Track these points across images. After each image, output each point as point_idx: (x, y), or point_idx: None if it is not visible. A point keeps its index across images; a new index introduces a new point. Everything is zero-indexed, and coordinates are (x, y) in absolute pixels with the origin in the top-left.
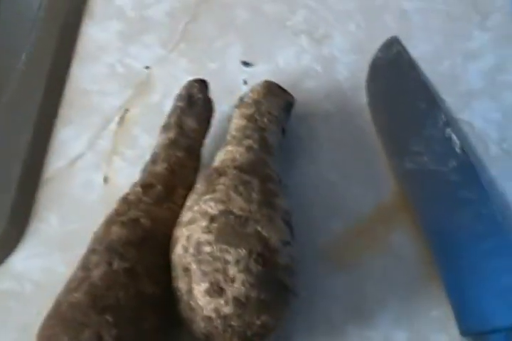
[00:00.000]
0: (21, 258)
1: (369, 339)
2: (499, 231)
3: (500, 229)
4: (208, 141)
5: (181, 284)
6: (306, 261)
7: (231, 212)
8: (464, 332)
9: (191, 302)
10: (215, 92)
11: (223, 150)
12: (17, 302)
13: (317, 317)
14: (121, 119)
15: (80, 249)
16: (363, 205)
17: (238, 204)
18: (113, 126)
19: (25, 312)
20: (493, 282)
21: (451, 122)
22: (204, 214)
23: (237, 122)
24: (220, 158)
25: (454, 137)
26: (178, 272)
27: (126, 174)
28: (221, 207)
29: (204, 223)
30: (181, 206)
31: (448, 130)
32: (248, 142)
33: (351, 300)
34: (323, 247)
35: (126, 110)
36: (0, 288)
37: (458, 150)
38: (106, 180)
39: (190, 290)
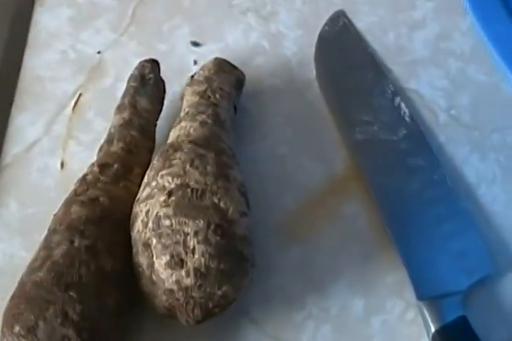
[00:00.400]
0: None
1: (326, 310)
2: (450, 197)
3: (451, 194)
4: (160, 121)
5: (142, 259)
6: (260, 236)
7: (188, 185)
8: (419, 297)
9: (153, 276)
10: (165, 73)
11: (177, 127)
12: None
13: (273, 289)
14: (75, 104)
15: (39, 233)
16: (314, 178)
17: (195, 177)
18: (67, 111)
19: None
20: (445, 247)
21: (399, 91)
22: (162, 188)
23: (190, 99)
24: (174, 134)
25: (403, 106)
26: (138, 248)
27: (82, 158)
28: (178, 181)
29: (162, 197)
30: (138, 185)
31: (397, 99)
32: (202, 117)
33: (306, 271)
34: (277, 221)
35: (80, 95)
36: None
37: (407, 118)
38: (62, 164)
39: (151, 265)
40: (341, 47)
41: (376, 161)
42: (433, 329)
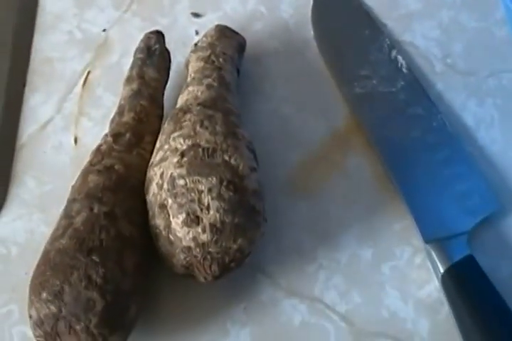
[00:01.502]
0: (4, 223)
1: (337, 260)
2: (450, 141)
3: (451, 138)
4: (167, 91)
5: (159, 221)
6: (269, 192)
7: (199, 145)
8: (426, 240)
9: (170, 236)
10: (169, 45)
11: (185, 92)
12: (4, 265)
13: (285, 244)
14: (84, 82)
15: (57, 208)
16: (318, 134)
17: (205, 137)
18: (77, 89)
19: (14, 274)
20: (449, 189)
21: (395, 45)
22: (174, 150)
23: (195, 65)
24: (183, 99)
25: (400, 58)
26: (154, 210)
27: (94, 133)
28: (189, 141)
29: (175, 159)
30: (150, 152)
31: (393, 52)
32: (208, 81)
33: (315, 224)
34: (284, 178)
35: (88, 72)
36: None
37: (404, 70)
38: (76, 140)
39: (168, 225)
40: (337, 6)
41: (376, 113)
42: (441, 270)
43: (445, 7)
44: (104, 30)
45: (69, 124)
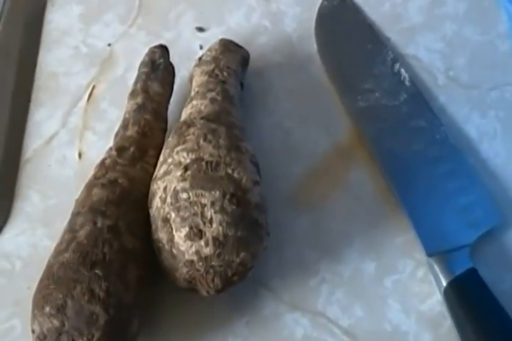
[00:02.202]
0: (9, 237)
1: (339, 274)
2: (453, 154)
3: (454, 151)
4: (171, 105)
5: (162, 234)
6: (272, 206)
7: (202, 159)
8: (429, 253)
9: (173, 250)
10: (173, 59)
11: (189, 106)
12: (8, 279)
13: (287, 258)
14: (89, 96)
15: (61, 222)
16: (320, 147)
17: (208, 150)
18: (82, 103)
19: (17, 288)
20: (451, 202)
21: (398, 58)
22: (178, 164)
23: (199, 79)
24: (186, 112)
25: (403, 71)
26: (157, 224)
27: (99, 147)
28: (193, 155)
29: (179, 172)
30: (154, 165)
31: (396, 65)
32: (211, 94)
33: (318, 238)
34: (287, 191)
35: (93, 87)
36: None
37: (407, 83)
38: (80, 154)
39: (171, 239)
40: (340, 20)
41: (379, 126)
42: (444, 284)
43: (448, 20)
44: (109, 45)
45: (73, 138)
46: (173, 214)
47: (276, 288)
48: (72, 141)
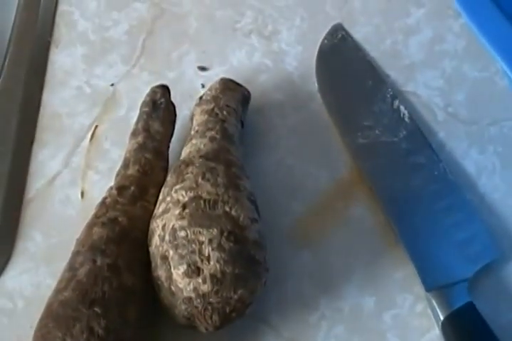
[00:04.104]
0: (11, 276)
1: (339, 310)
2: (452, 190)
3: (453, 187)
4: (172, 145)
5: (161, 272)
6: (272, 242)
7: (201, 197)
8: (428, 288)
9: (172, 287)
10: (175, 98)
11: (188, 145)
12: (10, 318)
13: (287, 294)
14: (92, 136)
15: (63, 261)
16: (321, 184)
17: (206, 189)
18: (85, 143)
19: (19, 327)
20: (450, 237)
21: (397, 95)
22: (176, 202)
23: (199, 118)
24: (186, 151)
25: (402, 108)
26: (157, 261)
27: (101, 186)
28: (191, 193)
29: (177, 211)
30: (154, 204)
31: (396, 102)
32: (211, 133)
33: (318, 274)
34: (288, 227)
35: (96, 127)
36: None
37: (407, 119)
38: (83, 194)
39: (169, 276)
40: (341, 58)
41: (379, 163)
42: (442, 318)
43: (447, 57)
44: (112, 85)
45: (76, 178)
46: (171, 252)
47: (275, 323)
48: (74, 180)
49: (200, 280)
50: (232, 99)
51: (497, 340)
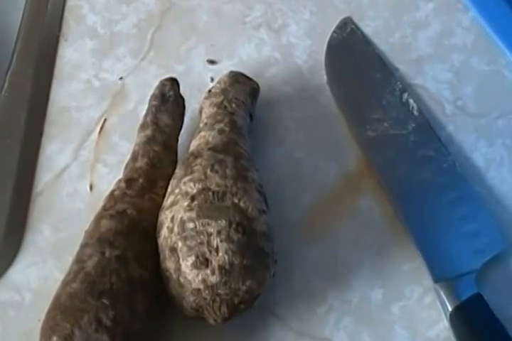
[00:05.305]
0: (19, 270)
1: (347, 301)
2: (460, 182)
3: (461, 179)
4: (181, 138)
5: (169, 264)
6: (281, 234)
7: (209, 189)
8: (436, 280)
9: (180, 279)
10: (184, 92)
11: (197, 137)
12: (18, 311)
13: (296, 286)
14: (101, 129)
15: (71, 254)
16: (329, 177)
17: (215, 180)
18: (93, 136)
19: (27, 320)
20: (458, 229)
21: (406, 88)
22: (185, 194)
23: (208, 111)
24: (194, 144)
25: (411, 101)
26: (165, 253)
27: (110, 179)
28: (200, 185)
29: (185, 202)
30: (162, 196)
31: (405, 95)
32: (219, 126)
33: (326, 266)
34: (296, 220)
35: (105, 120)
36: (1, 299)
37: (415, 112)
38: (91, 187)
39: (178, 268)
40: (350, 51)
41: (387, 155)
42: (450, 309)
43: (456, 51)
44: (121, 79)
45: (85, 171)
46: (180, 244)
47: (284, 315)
48: (83, 173)
49: (208, 271)
50: (242, 91)
51: (505, 331)
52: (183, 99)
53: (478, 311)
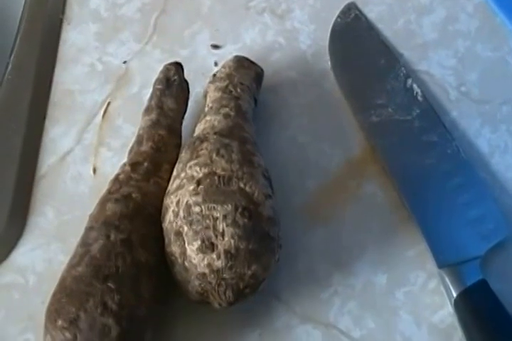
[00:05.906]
0: (23, 252)
1: (351, 286)
2: (464, 168)
3: (465, 165)
4: (185, 122)
5: (174, 248)
6: (285, 219)
7: (215, 173)
8: (440, 265)
9: (185, 263)
10: (188, 76)
11: (202, 121)
12: (22, 293)
13: (300, 270)
14: (104, 113)
15: (75, 237)
16: (334, 162)
17: (221, 165)
18: (97, 120)
19: (31, 303)
20: (462, 215)
21: (411, 74)
22: (190, 178)
23: (213, 95)
24: (200, 128)
25: (415, 86)
26: (170, 237)
27: (113, 163)
28: (205, 169)
29: (191, 186)
30: (167, 180)
31: (409, 81)
32: (225, 110)
33: (331, 251)
34: (301, 205)
35: (109, 103)
36: (5, 282)
37: (420, 98)
38: (95, 170)
39: (183, 252)
40: (354, 36)
41: (392, 141)
42: (455, 295)
43: (461, 37)
44: (124, 62)
45: (88, 155)
46: (185, 228)
47: (288, 300)
48: (86, 157)
49: (214, 255)
50: (246, 76)
51: (509, 317)
52: (187, 83)
53: (483, 297)
